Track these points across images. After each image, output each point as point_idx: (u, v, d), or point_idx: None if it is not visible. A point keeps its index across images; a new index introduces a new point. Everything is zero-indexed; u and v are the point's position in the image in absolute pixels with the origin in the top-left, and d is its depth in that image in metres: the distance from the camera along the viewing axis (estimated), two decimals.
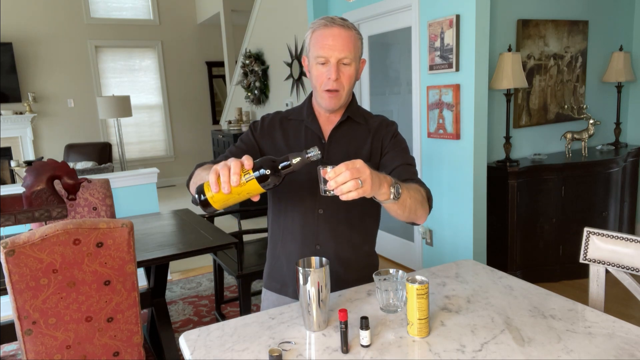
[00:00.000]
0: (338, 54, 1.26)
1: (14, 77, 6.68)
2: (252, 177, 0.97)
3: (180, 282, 3.70)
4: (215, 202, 1.01)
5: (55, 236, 1.51)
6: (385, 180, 1.06)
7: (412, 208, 1.17)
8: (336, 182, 0.96)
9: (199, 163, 1.35)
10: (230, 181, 0.96)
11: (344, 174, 0.95)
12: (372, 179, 0.99)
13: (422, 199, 1.23)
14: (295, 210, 1.36)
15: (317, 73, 1.30)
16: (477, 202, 2.97)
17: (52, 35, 7.00)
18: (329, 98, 1.30)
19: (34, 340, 1.59)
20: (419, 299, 1.05)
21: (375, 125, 1.41)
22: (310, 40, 1.31)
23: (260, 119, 1.45)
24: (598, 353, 0.98)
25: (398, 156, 1.36)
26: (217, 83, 8.44)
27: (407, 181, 1.27)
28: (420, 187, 1.25)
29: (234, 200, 1.00)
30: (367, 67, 3.96)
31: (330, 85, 1.28)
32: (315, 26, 1.30)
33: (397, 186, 1.08)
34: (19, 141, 6.92)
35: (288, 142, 1.38)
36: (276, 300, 1.45)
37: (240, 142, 1.41)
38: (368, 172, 0.98)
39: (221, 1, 6.69)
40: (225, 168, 0.97)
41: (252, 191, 0.99)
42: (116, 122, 5.93)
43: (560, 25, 3.48)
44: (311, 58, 1.31)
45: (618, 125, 3.78)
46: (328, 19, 1.29)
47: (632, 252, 1.34)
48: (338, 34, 1.26)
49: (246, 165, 0.98)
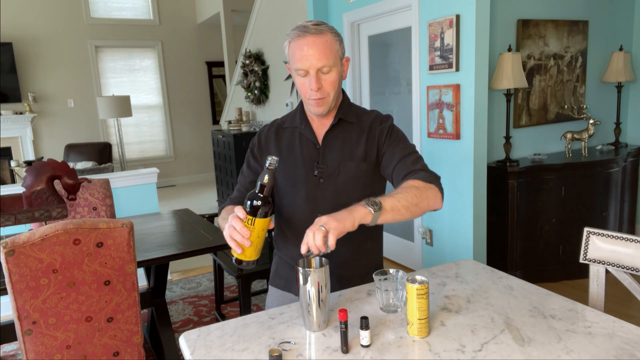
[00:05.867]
0: (316, 64, 1.25)
1: (14, 77, 6.68)
2: (253, 218, 1.09)
3: (180, 282, 3.70)
4: (248, 257, 1.12)
5: (55, 236, 1.51)
6: (357, 207, 1.12)
7: (412, 205, 1.17)
8: (307, 245, 1.05)
9: (223, 205, 1.46)
10: (244, 237, 1.09)
11: (306, 236, 1.05)
12: (334, 216, 1.07)
13: (420, 192, 1.20)
14: (296, 215, 1.38)
15: (300, 84, 1.31)
16: (477, 202, 2.97)
17: (52, 35, 7.00)
18: (316, 105, 1.31)
19: (34, 340, 1.59)
20: (419, 299, 1.05)
21: (368, 122, 1.40)
22: (288, 52, 1.30)
23: (257, 136, 1.47)
24: (598, 353, 0.98)
25: (396, 152, 1.34)
26: (217, 83, 8.44)
27: (407, 177, 1.27)
28: (414, 182, 1.23)
29: (258, 242, 1.12)
30: (367, 67, 3.96)
31: (314, 95, 1.29)
32: (290, 37, 1.28)
33: (373, 200, 1.12)
34: (19, 141, 6.92)
35: (284, 152, 1.40)
36: (280, 297, 1.48)
37: (247, 168, 1.46)
38: (324, 220, 1.06)
39: (221, 1, 6.69)
40: (233, 229, 1.09)
41: (263, 227, 1.11)
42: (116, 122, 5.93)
43: (560, 25, 3.48)
44: (292, 69, 1.32)
45: (618, 125, 3.78)
46: (301, 27, 1.26)
47: (632, 252, 1.34)
48: (312, 43, 1.24)
49: (242, 215, 1.09)
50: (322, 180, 1.35)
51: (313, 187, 1.36)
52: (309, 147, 1.38)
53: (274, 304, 1.47)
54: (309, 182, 1.36)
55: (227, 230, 1.11)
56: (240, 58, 6.28)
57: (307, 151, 1.38)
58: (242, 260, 1.13)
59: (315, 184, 1.35)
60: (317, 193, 1.35)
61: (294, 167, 1.38)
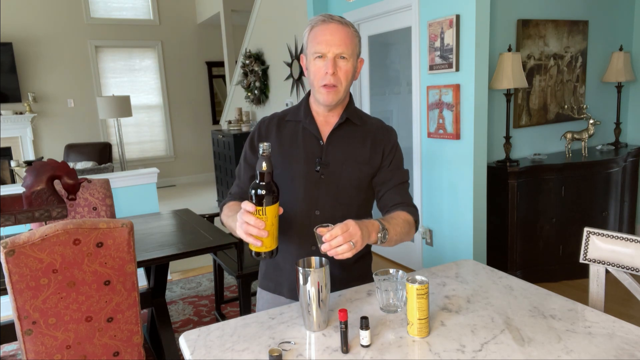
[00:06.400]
0: (335, 49, 1.27)
1: (14, 77, 6.68)
2: (263, 208, 1.09)
3: (180, 282, 3.70)
4: (268, 247, 1.12)
5: (55, 236, 1.51)
6: (374, 229, 1.18)
7: (398, 240, 1.28)
8: (330, 246, 1.07)
9: (223, 202, 1.45)
10: (260, 229, 1.08)
11: (338, 239, 1.07)
12: (363, 238, 1.11)
13: (409, 228, 1.32)
14: (292, 211, 1.35)
15: (315, 68, 1.30)
16: (477, 202, 2.97)
17: (52, 35, 7.00)
18: (326, 93, 1.30)
19: (34, 340, 1.59)
20: (419, 299, 1.05)
21: (373, 128, 1.41)
22: (309, 37, 1.31)
23: (256, 128, 1.44)
24: (598, 353, 0.98)
25: (395, 175, 1.40)
26: (217, 83, 8.44)
27: (397, 206, 1.35)
28: (407, 216, 1.32)
29: (274, 230, 1.12)
30: (367, 67, 3.96)
31: (328, 80, 1.28)
32: (313, 22, 1.31)
33: (385, 232, 1.20)
34: (19, 141, 6.92)
35: (285, 145, 1.38)
36: (271, 300, 1.45)
37: (245, 163, 1.44)
38: (359, 234, 1.09)
39: (221, 1, 6.69)
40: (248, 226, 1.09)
41: (274, 213, 1.11)
42: (116, 122, 5.93)
43: (560, 25, 3.48)
44: (309, 54, 1.31)
45: (618, 125, 3.78)
46: (326, 15, 1.30)
47: (632, 252, 1.34)
48: (336, 30, 1.27)
49: (251, 209, 1.08)
50: (323, 177, 1.34)
51: (313, 183, 1.34)
52: (312, 143, 1.36)
53: (264, 308, 1.44)
54: (309, 177, 1.34)
55: (241, 228, 1.10)
56: (240, 58, 6.28)
57: (309, 146, 1.36)
58: (261, 253, 1.12)
59: (315, 180, 1.34)
60: (316, 189, 1.34)
61: (295, 161, 1.35)
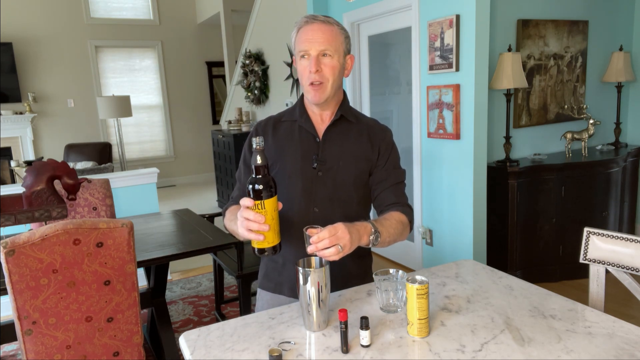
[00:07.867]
0: (318, 46, 1.28)
1: (14, 77, 6.68)
2: (262, 201, 1.09)
3: (180, 282, 3.70)
4: (271, 242, 1.12)
5: (55, 236, 1.51)
6: (365, 232, 1.17)
7: (391, 241, 1.28)
8: (317, 247, 1.07)
9: (225, 207, 1.45)
10: (260, 223, 1.08)
11: (324, 241, 1.07)
12: (352, 241, 1.11)
13: (403, 229, 1.32)
14: (290, 209, 1.36)
15: (301, 68, 1.33)
16: (477, 202, 2.97)
17: (52, 35, 7.00)
18: (313, 91, 1.32)
19: (34, 340, 1.59)
20: (419, 299, 1.05)
21: (367, 126, 1.43)
22: (295, 39, 1.34)
23: (253, 130, 1.46)
24: (598, 353, 0.98)
25: (391, 175, 1.40)
26: (217, 83, 8.44)
27: (392, 206, 1.35)
28: (401, 216, 1.32)
29: (274, 223, 1.12)
30: (367, 67, 3.96)
31: (313, 77, 1.30)
32: (298, 24, 1.33)
33: (377, 234, 1.20)
34: (19, 141, 6.92)
35: (281, 144, 1.39)
36: (271, 300, 1.45)
37: (244, 166, 1.46)
38: (348, 238, 1.09)
39: (221, 1, 6.69)
40: (248, 222, 1.09)
41: (273, 207, 1.11)
42: (116, 122, 5.93)
43: (560, 25, 3.48)
44: (296, 54, 1.34)
45: (618, 125, 3.78)
46: (310, 16, 1.32)
47: (632, 252, 1.34)
48: (318, 28, 1.29)
49: (250, 203, 1.09)
50: (321, 174, 1.35)
51: (310, 180, 1.35)
52: (309, 140, 1.38)
53: (264, 308, 1.44)
54: (306, 174, 1.35)
55: (242, 225, 1.10)
56: (240, 58, 6.28)
57: (306, 143, 1.37)
58: (264, 249, 1.12)
59: (313, 177, 1.35)
60: (314, 186, 1.35)
61: (292, 158, 1.37)
